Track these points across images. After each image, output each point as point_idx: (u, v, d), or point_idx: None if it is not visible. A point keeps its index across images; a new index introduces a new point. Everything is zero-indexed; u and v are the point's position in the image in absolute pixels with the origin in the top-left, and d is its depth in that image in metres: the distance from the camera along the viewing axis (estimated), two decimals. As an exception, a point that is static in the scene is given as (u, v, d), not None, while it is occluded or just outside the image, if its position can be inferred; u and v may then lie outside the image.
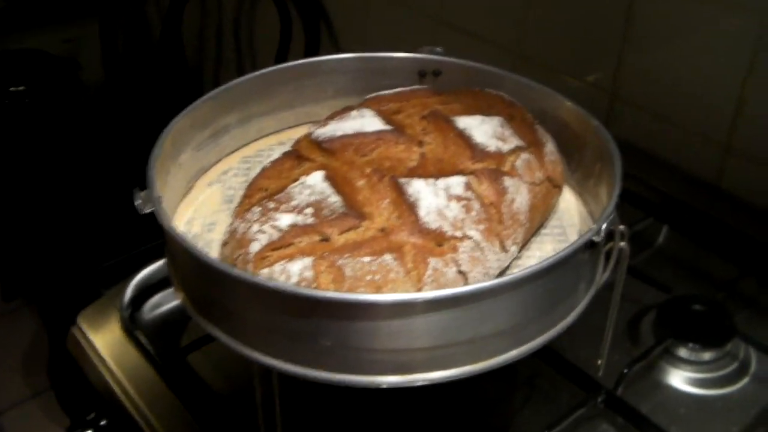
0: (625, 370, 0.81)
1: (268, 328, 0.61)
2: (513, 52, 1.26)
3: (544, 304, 0.63)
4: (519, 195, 0.71)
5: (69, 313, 0.94)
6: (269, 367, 0.62)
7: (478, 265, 0.67)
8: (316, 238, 0.64)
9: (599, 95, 1.16)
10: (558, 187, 0.77)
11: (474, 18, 1.31)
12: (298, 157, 0.72)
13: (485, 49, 1.29)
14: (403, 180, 0.67)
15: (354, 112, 0.76)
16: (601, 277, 0.68)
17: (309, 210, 0.65)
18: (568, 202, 0.81)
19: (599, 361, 0.75)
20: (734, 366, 0.86)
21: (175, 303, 0.91)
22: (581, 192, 0.81)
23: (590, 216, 0.79)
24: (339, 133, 0.73)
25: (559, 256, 0.61)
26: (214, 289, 0.64)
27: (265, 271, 0.63)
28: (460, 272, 0.65)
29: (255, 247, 0.64)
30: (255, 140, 0.89)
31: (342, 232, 0.64)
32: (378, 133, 0.72)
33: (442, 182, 0.68)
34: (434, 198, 0.66)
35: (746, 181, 1.03)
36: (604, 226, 0.64)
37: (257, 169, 0.77)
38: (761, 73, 0.97)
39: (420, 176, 0.68)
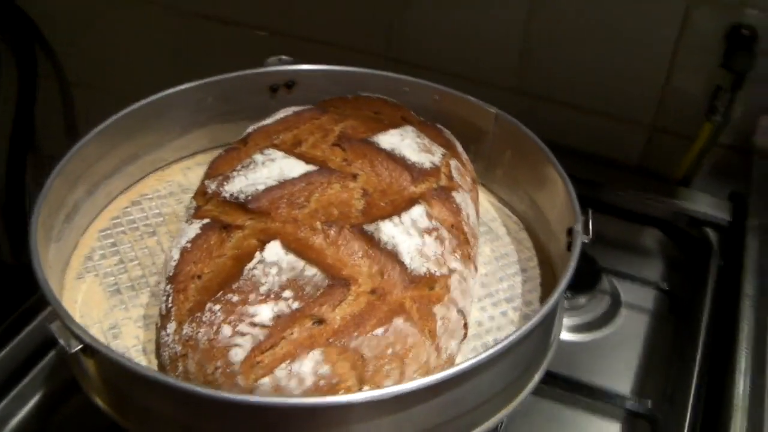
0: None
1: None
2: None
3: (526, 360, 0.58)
4: (467, 207, 0.64)
5: None
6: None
7: (467, 296, 0.60)
8: (308, 323, 0.52)
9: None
10: (476, 185, 0.71)
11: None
12: (222, 228, 0.58)
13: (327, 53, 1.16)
14: (368, 227, 0.57)
15: (258, 156, 0.62)
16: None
17: (288, 293, 0.52)
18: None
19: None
20: (607, 301, 0.88)
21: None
22: (486, 183, 0.77)
23: (505, 206, 0.75)
24: (260, 186, 0.59)
25: (544, 310, 0.55)
26: (193, 419, 0.50)
27: (265, 381, 0.50)
28: (459, 311, 0.58)
29: (237, 355, 0.50)
30: (105, 207, 0.71)
31: (335, 308, 0.53)
32: (305, 177, 0.60)
33: (406, 217, 0.58)
34: (408, 238, 0.57)
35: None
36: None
37: (124, 243, 0.66)
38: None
39: (376, 217, 0.58)
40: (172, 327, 0.54)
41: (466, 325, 0.59)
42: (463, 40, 1.02)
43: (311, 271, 0.53)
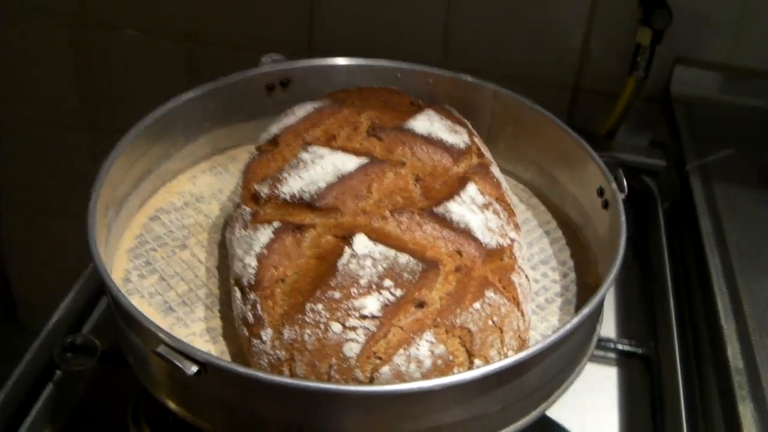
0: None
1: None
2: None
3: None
4: (502, 179, 0.67)
5: None
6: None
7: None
8: (412, 308, 0.52)
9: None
10: (488, 160, 0.74)
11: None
12: (295, 229, 0.57)
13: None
14: (437, 209, 0.58)
15: (305, 155, 0.61)
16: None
17: (388, 282, 0.52)
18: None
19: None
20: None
21: None
22: (488, 157, 0.79)
23: (510, 176, 0.78)
24: (321, 184, 0.59)
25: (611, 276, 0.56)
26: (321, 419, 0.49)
27: (385, 370, 0.50)
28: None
29: (352, 349, 0.50)
30: (126, 227, 0.67)
31: (431, 290, 0.54)
32: (361, 170, 0.60)
33: (465, 196, 0.60)
34: (473, 215, 0.59)
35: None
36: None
37: (158, 260, 0.65)
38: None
39: (438, 199, 0.59)
40: (268, 334, 0.53)
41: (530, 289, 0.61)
42: (388, 23, 1.03)
43: (404, 258, 0.54)
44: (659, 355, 0.74)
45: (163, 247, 0.67)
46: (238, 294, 0.56)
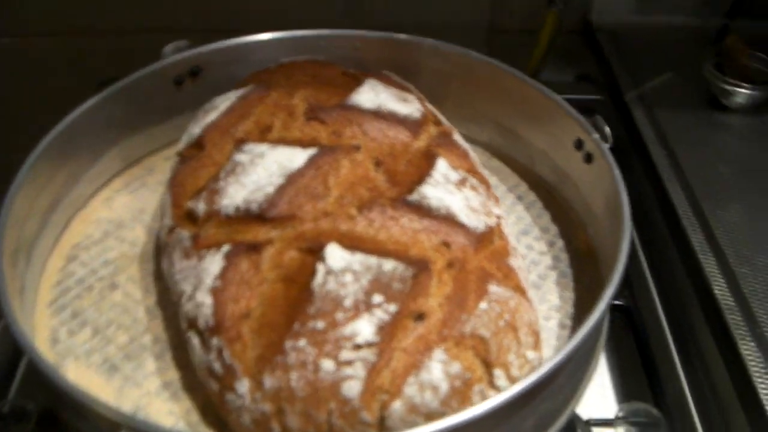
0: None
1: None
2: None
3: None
4: (467, 147, 0.58)
5: None
6: None
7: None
8: (411, 323, 0.43)
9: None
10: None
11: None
12: (249, 250, 0.46)
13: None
14: (411, 197, 0.49)
15: (241, 156, 0.51)
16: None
17: (377, 297, 0.43)
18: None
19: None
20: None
21: None
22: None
23: (464, 139, 0.69)
24: (268, 189, 0.48)
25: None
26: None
27: (396, 406, 0.41)
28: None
29: (352, 388, 0.41)
30: (41, 275, 0.55)
31: (428, 297, 0.44)
32: (311, 163, 0.50)
33: (438, 175, 0.51)
34: (452, 197, 0.50)
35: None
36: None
37: (85, 309, 0.53)
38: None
39: (408, 184, 0.50)
40: (244, 386, 0.43)
41: (525, 269, 0.53)
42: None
43: (389, 264, 0.44)
44: (637, 302, 0.68)
45: (88, 291, 0.55)
46: (195, 340, 0.46)
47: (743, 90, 0.82)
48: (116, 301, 0.55)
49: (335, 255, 0.44)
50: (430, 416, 0.42)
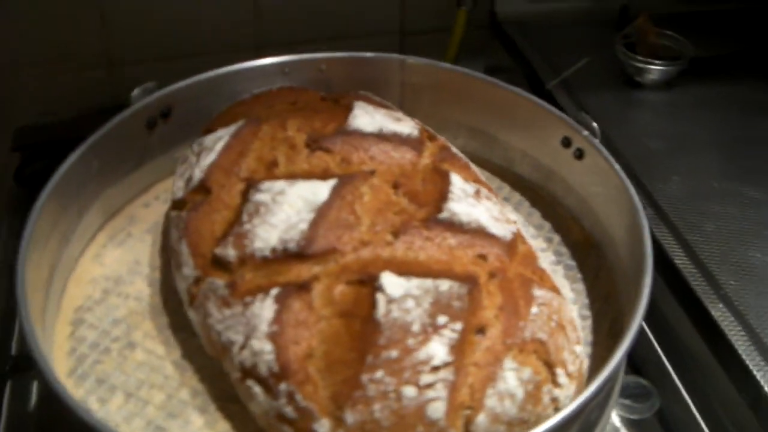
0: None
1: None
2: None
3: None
4: (462, 155, 0.59)
5: None
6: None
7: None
8: (475, 339, 0.44)
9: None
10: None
11: None
12: (300, 289, 0.45)
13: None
14: (441, 216, 0.49)
15: (260, 196, 0.49)
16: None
17: (442, 318, 0.43)
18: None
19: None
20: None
21: None
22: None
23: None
24: (302, 225, 0.48)
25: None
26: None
27: (481, 418, 0.42)
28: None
29: (438, 409, 0.41)
30: (53, 344, 0.52)
31: (484, 309, 0.46)
32: (336, 194, 0.49)
33: (457, 190, 0.52)
34: (476, 209, 0.51)
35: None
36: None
37: (109, 373, 0.51)
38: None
39: (431, 202, 0.51)
40: (323, 426, 0.42)
41: (542, 267, 0.55)
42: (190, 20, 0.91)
43: (444, 284, 0.45)
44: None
45: (106, 354, 0.52)
46: (257, 389, 0.45)
47: (655, 67, 0.88)
48: (139, 360, 0.52)
49: (392, 283, 0.45)
50: (510, 423, 0.43)
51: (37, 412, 0.59)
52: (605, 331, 0.54)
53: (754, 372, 0.59)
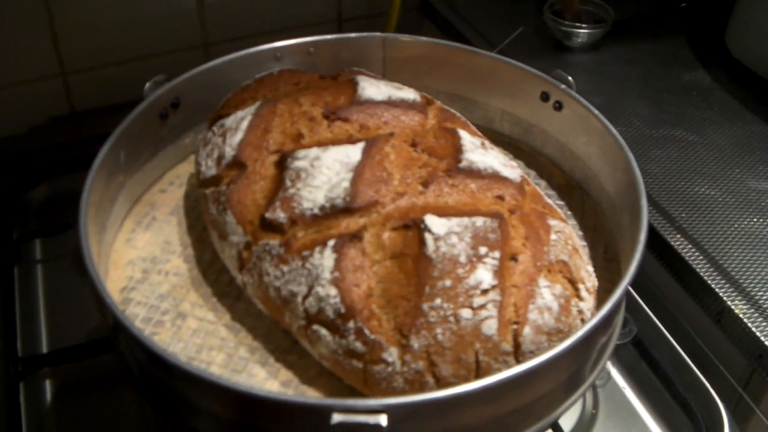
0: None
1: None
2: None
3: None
4: (460, 114, 0.66)
5: None
6: None
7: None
8: (511, 264, 0.51)
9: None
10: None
11: None
12: (353, 238, 0.51)
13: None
14: (462, 165, 0.56)
15: (298, 163, 0.54)
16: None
17: (483, 249, 0.50)
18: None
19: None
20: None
21: None
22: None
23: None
24: (344, 183, 0.53)
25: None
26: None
27: (527, 331, 0.49)
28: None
29: (491, 326, 0.48)
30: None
31: (513, 239, 0.52)
32: (366, 155, 0.55)
33: (467, 143, 0.58)
34: (487, 157, 0.57)
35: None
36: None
37: (171, 340, 0.55)
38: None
39: (449, 155, 0.57)
40: (393, 354, 0.48)
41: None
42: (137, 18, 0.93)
43: (479, 220, 0.51)
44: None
45: (160, 326, 0.56)
46: (324, 331, 0.50)
47: (582, 30, 0.96)
48: (193, 327, 0.56)
49: (436, 223, 0.51)
50: (550, 333, 0.50)
51: (53, 409, 0.63)
52: (601, 256, 0.62)
53: (715, 289, 0.67)
